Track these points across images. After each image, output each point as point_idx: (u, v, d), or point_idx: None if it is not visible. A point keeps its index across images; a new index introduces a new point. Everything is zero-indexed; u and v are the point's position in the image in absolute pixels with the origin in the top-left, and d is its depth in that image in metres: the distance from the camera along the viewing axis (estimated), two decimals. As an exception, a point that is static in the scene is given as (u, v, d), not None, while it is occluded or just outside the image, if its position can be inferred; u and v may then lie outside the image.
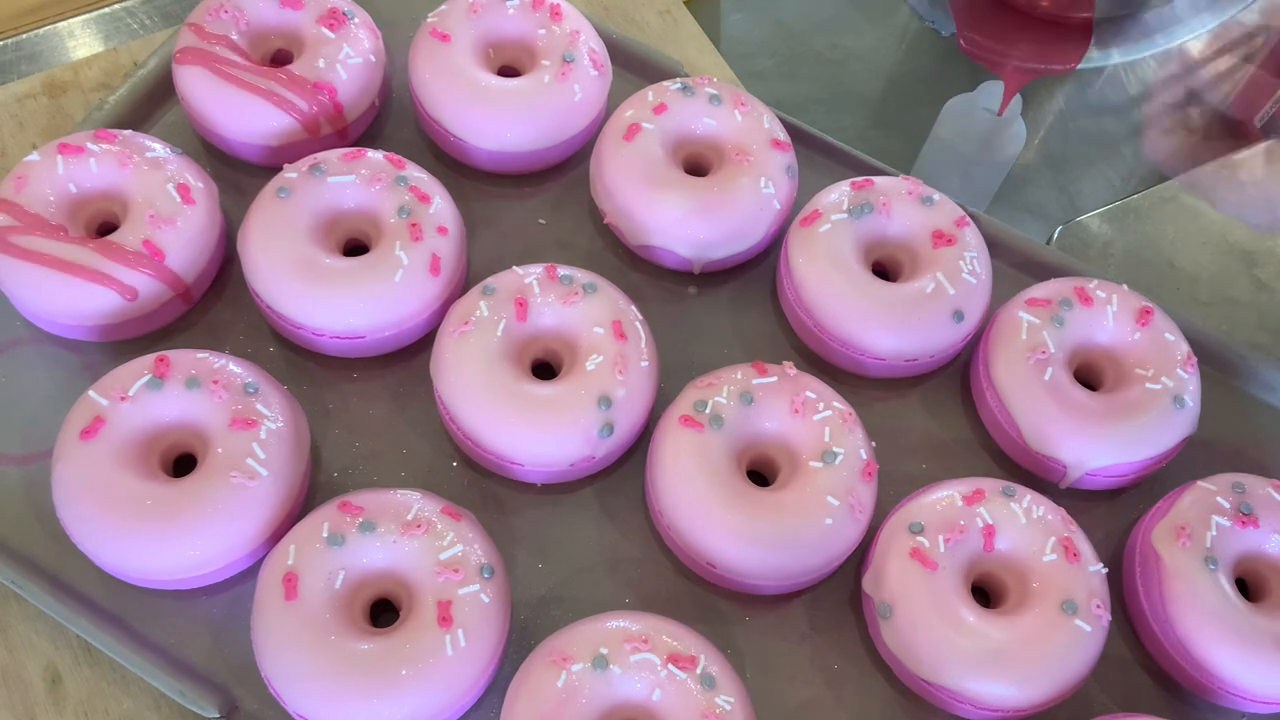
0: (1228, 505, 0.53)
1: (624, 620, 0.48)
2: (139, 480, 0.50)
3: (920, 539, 0.51)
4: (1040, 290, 0.60)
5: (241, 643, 0.50)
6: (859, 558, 0.55)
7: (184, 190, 0.58)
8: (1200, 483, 0.55)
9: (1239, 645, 0.50)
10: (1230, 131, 0.86)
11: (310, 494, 0.55)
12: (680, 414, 0.54)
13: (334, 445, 0.57)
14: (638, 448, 0.57)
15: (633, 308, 0.57)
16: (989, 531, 0.52)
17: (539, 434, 0.53)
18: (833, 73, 0.88)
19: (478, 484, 0.57)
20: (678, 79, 0.64)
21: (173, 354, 0.53)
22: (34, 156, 0.58)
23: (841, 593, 0.55)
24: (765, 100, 0.65)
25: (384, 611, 0.51)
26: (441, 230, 0.58)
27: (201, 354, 0.54)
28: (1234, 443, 0.62)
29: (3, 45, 0.75)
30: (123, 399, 0.51)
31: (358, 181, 0.58)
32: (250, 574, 0.52)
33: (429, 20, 0.65)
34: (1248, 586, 0.54)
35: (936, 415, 0.61)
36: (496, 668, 0.50)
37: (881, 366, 0.60)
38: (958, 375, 0.62)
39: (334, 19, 0.64)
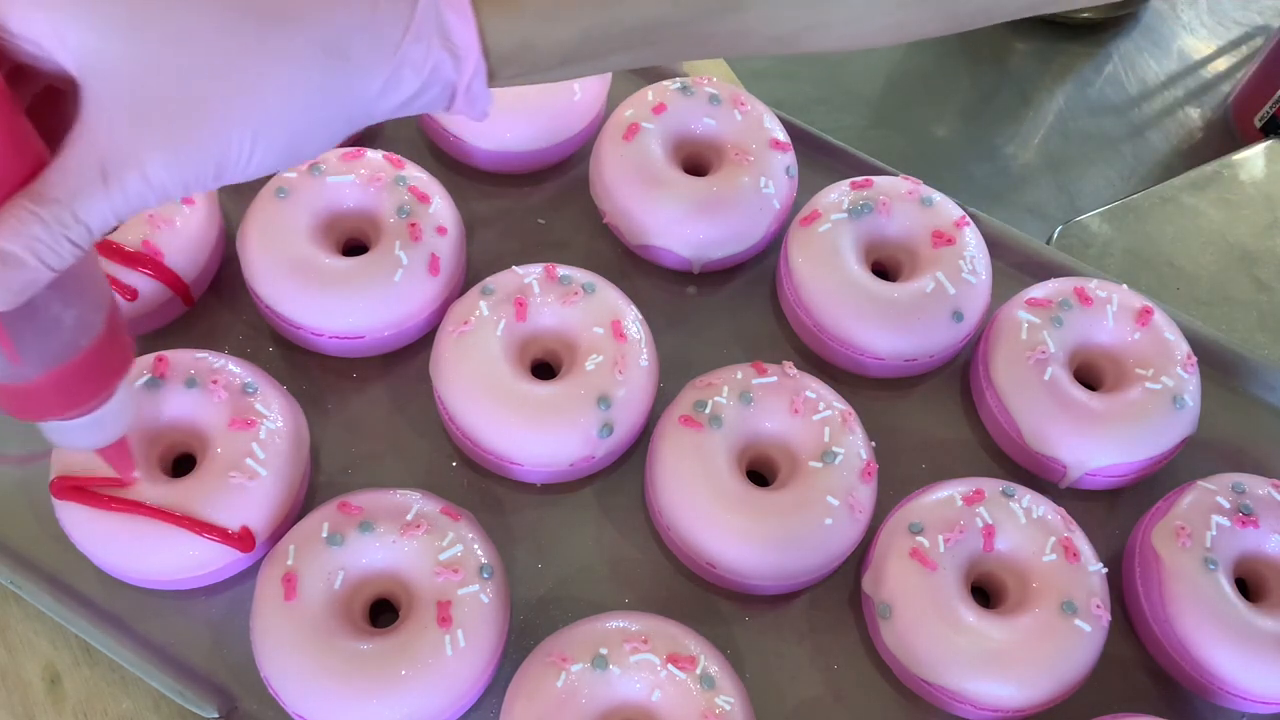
0: (1228, 505, 0.53)
1: (623, 620, 0.48)
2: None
3: (920, 539, 0.51)
4: (1040, 290, 0.60)
5: (241, 643, 0.50)
6: (859, 558, 0.55)
7: (183, 190, 0.58)
8: (1200, 483, 0.55)
9: (1239, 645, 0.50)
10: (1230, 131, 0.86)
11: (310, 494, 0.55)
12: (680, 414, 0.54)
13: (334, 445, 0.57)
14: (637, 448, 0.57)
15: (632, 308, 0.57)
16: (989, 531, 0.52)
17: (539, 434, 0.53)
18: (833, 73, 0.88)
19: (477, 484, 0.57)
20: (677, 78, 0.64)
21: (172, 354, 0.53)
22: (33, 156, 0.58)
23: (841, 593, 0.55)
24: (765, 100, 0.65)
25: (383, 612, 0.51)
26: (441, 230, 0.58)
27: (201, 354, 0.54)
28: (1234, 443, 0.61)
29: (2, 45, 0.75)
30: (122, 399, 0.51)
31: (357, 181, 0.58)
32: (250, 574, 0.52)
33: (428, 20, 0.65)
34: (1248, 586, 0.54)
35: (936, 415, 0.61)
36: (496, 668, 0.50)
37: (881, 366, 0.60)
38: (958, 375, 0.62)
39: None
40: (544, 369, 0.57)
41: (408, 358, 0.59)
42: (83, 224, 0.33)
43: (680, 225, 0.60)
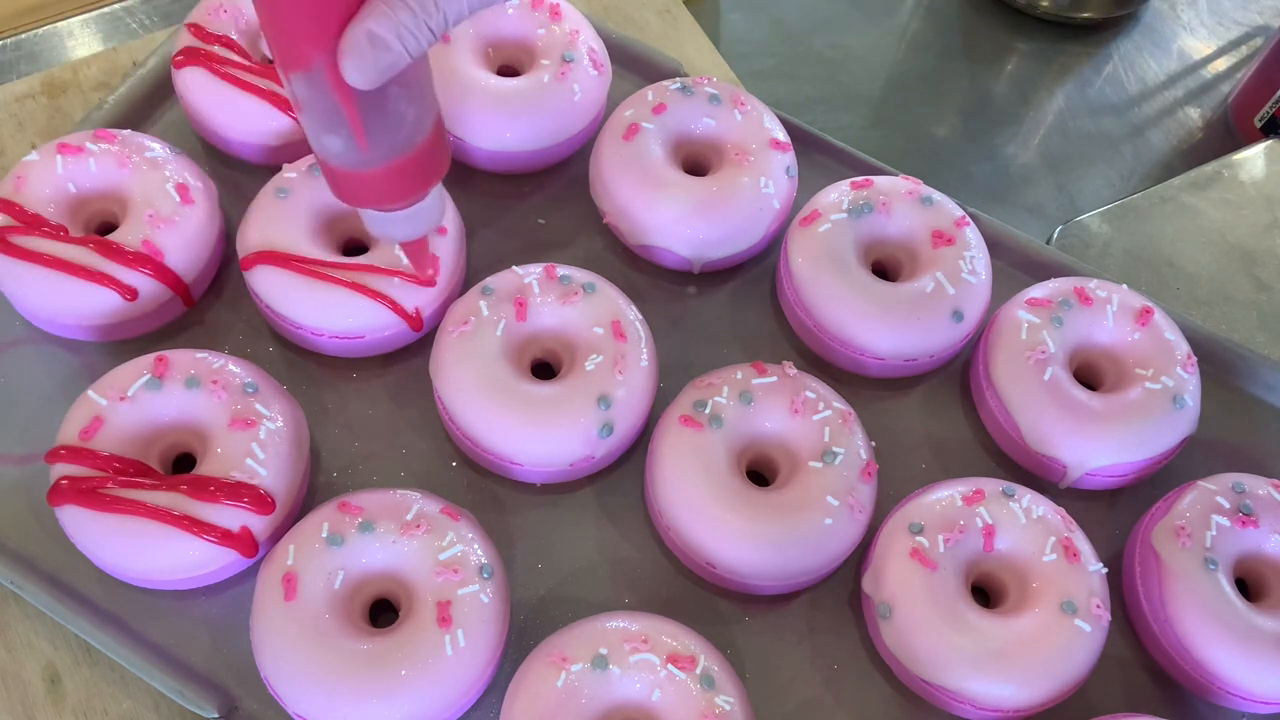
0: (1228, 505, 0.53)
1: (623, 620, 0.48)
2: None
3: (920, 539, 0.51)
4: (1040, 290, 0.60)
5: (241, 643, 0.50)
6: (859, 558, 0.55)
7: (183, 190, 0.58)
8: (1200, 483, 0.55)
9: (1239, 645, 0.50)
10: (1230, 131, 0.86)
11: (310, 494, 0.55)
12: (680, 414, 0.54)
13: (333, 445, 0.57)
14: (637, 448, 0.57)
15: (632, 307, 0.57)
16: (989, 531, 0.52)
17: (538, 434, 0.53)
18: (833, 73, 0.88)
19: (477, 484, 0.57)
20: (677, 78, 0.64)
21: (172, 354, 0.53)
22: (33, 156, 0.58)
23: (841, 593, 0.55)
24: (765, 100, 0.65)
25: (383, 612, 0.51)
26: (441, 230, 0.58)
27: (201, 354, 0.54)
28: (1234, 443, 0.62)
29: (2, 45, 0.75)
30: (122, 399, 0.51)
31: (357, 181, 0.58)
32: (250, 574, 0.52)
33: (428, 20, 0.65)
34: (1248, 586, 0.54)
35: (936, 415, 0.61)
36: (496, 668, 0.50)
37: (881, 366, 0.60)
38: (958, 375, 0.62)
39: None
40: (544, 369, 0.57)
41: (408, 358, 0.59)
42: (442, 12, 0.37)
43: (680, 225, 0.60)
